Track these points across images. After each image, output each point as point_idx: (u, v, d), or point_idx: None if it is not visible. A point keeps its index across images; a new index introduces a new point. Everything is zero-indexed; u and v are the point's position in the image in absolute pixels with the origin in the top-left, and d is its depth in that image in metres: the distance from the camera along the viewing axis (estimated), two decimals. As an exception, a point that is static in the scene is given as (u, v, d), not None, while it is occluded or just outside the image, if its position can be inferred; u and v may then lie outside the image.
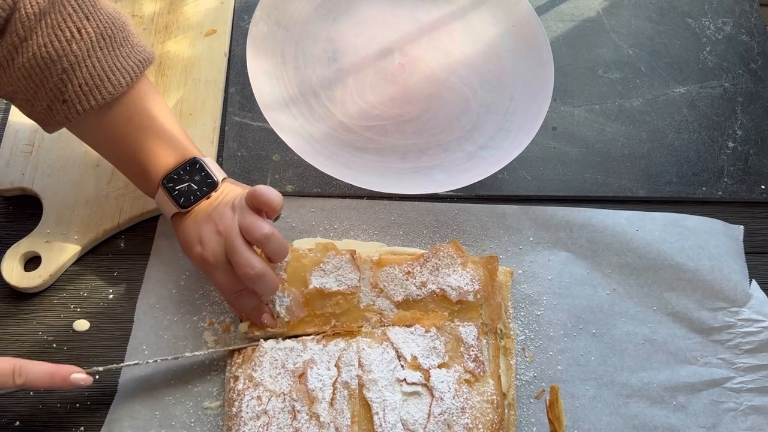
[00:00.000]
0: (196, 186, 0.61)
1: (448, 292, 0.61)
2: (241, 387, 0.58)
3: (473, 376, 0.58)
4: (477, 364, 0.59)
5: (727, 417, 0.62)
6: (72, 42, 0.56)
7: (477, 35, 0.76)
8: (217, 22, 0.80)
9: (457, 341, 0.60)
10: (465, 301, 0.61)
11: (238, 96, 0.76)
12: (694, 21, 0.84)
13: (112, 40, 0.58)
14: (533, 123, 0.69)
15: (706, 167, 0.75)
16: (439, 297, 0.62)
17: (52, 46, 0.55)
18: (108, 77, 0.58)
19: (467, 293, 0.61)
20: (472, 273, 0.62)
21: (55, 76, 0.56)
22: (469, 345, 0.59)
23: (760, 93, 0.79)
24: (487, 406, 0.57)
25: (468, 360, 0.59)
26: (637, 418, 0.62)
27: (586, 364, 0.64)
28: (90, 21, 0.57)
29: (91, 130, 0.61)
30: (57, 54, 0.55)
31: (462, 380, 0.58)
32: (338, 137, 0.70)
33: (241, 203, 0.59)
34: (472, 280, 0.62)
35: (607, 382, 0.63)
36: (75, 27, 0.56)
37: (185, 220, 0.61)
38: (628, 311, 0.66)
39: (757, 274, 0.69)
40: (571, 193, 0.73)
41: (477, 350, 0.59)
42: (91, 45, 0.57)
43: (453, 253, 0.63)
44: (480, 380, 0.58)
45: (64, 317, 0.65)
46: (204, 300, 0.65)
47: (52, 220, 0.67)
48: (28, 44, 0.55)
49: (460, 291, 0.61)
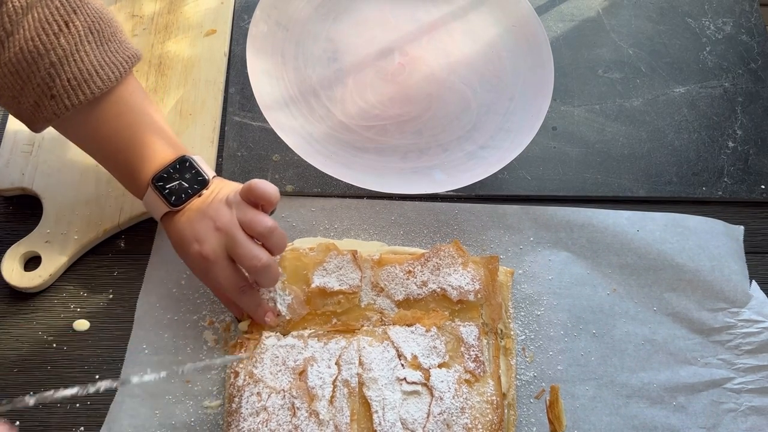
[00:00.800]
0: (187, 184, 0.60)
1: (449, 291, 0.61)
2: (241, 383, 0.58)
3: (473, 376, 0.58)
4: (477, 364, 0.59)
5: (727, 417, 0.62)
6: (60, 35, 0.55)
7: (477, 35, 0.76)
8: (217, 22, 0.80)
9: (457, 341, 0.60)
10: (465, 300, 0.61)
11: (238, 96, 0.76)
12: (694, 21, 0.84)
13: (101, 34, 0.57)
14: (533, 123, 0.69)
15: (706, 167, 0.75)
16: (439, 296, 0.62)
17: (40, 40, 0.54)
18: (97, 72, 0.57)
19: (468, 293, 0.61)
20: (473, 273, 0.62)
21: (42, 70, 0.55)
22: (469, 345, 0.59)
23: (760, 93, 0.79)
24: (486, 406, 0.57)
25: (468, 360, 0.59)
26: (637, 418, 0.62)
27: (586, 364, 0.64)
28: (78, 15, 0.56)
29: (78, 128, 0.60)
30: (45, 48, 0.54)
31: (462, 380, 0.58)
32: (338, 137, 0.70)
33: (237, 198, 0.59)
34: (473, 279, 0.62)
35: (607, 382, 0.63)
36: (62, 20, 0.55)
37: (177, 220, 0.60)
38: (628, 311, 0.66)
39: (758, 274, 0.69)
40: (571, 193, 0.73)
41: (477, 350, 0.59)
42: (79, 39, 0.56)
43: (454, 253, 0.63)
44: (480, 380, 0.58)
45: (64, 317, 0.65)
46: (204, 299, 0.65)
47: (52, 219, 0.67)
48: (14, 38, 0.54)
49: (461, 290, 0.61)
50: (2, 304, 0.65)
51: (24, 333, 0.64)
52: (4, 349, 0.63)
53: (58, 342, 0.63)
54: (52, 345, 0.63)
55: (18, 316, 0.65)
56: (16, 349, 0.63)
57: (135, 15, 0.80)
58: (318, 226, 0.69)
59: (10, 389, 0.61)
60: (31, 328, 0.64)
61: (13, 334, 0.64)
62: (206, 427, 0.60)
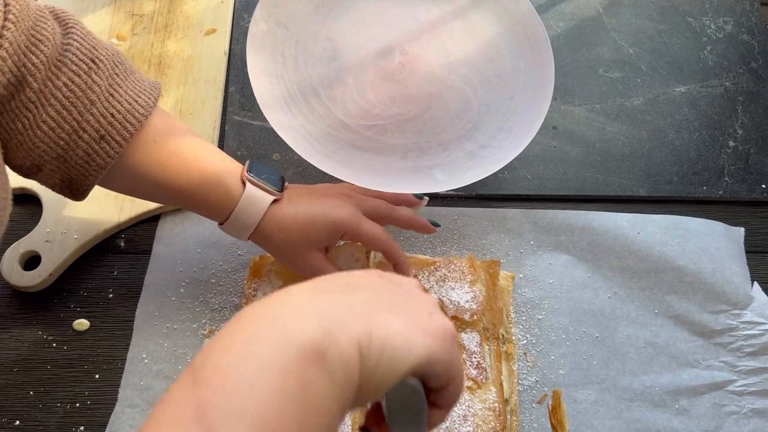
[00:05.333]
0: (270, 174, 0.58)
1: (446, 303, 0.61)
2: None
3: (475, 383, 0.58)
4: (479, 371, 0.58)
5: (729, 420, 0.62)
6: (91, 73, 0.52)
7: (477, 34, 0.76)
8: (216, 21, 0.80)
9: (459, 347, 0.59)
10: (460, 318, 0.61)
11: (238, 95, 0.76)
12: (695, 20, 0.84)
13: (123, 66, 0.55)
14: (534, 122, 0.69)
15: (707, 166, 0.74)
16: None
17: (74, 83, 0.51)
18: (135, 99, 0.54)
19: (464, 311, 0.61)
20: (476, 293, 0.62)
21: (85, 113, 0.51)
22: (471, 352, 0.59)
23: (761, 92, 0.79)
24: (489, 413, 0.57)
25: (470, 367, 0.58)
26: (640, 422, 0.61)
27: (588, 368, 0.64)
28: (98, 50, 0.53)
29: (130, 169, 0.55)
30: (80, 89, 0.51)
31: (464, 387, 0.58)
32: (338, 136, 0.70)
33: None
34: (474, 299, 0.61)
35: (609, 386, 0.63)
36: (88, 58, 0.52)
37: (287, 204, 0.57)
38: (629, 315, 0.66)
39: (758, 274, 0.69)
40: (571, 193, 0.73)
41: (479, 357, 0.59)
42: (109, 73, 0.53)
43: (465, 268, 0.63)
44: (482, 387, 0.58)
45: (64, 317, 0.65)
46: (204, 307, 0.65)
47: (52, 219, 0.67)
48: (46, 93, 0.50)
49: (458, 307, 0.61)
50: (2, 303, 0.65)
51: (24, 332, 0.64)
52: (4, 348, 0.63)
53: (58, 342, 0.63)
54: (52, 344, 0.63)
55: (18, 316, 0.64)
56: (16, 349, 0.63)
57: (135, 14, 0.80)
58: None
59: (10, 389, 0.61)
60: (31, 327, 0.64)
61: (14, 334, 0.64)
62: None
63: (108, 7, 0.80)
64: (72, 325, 0.64)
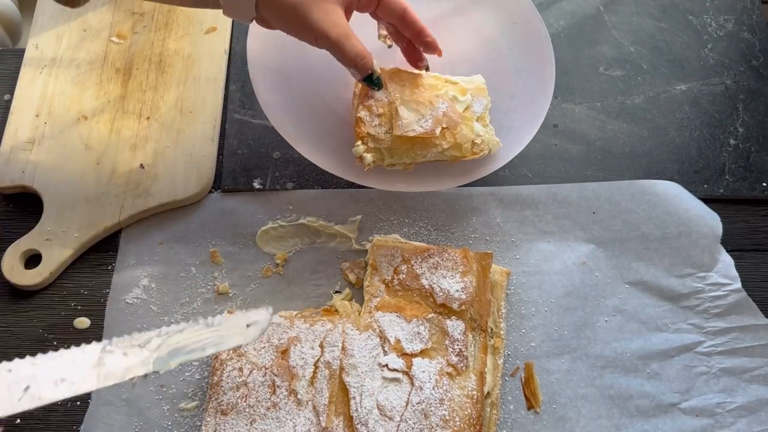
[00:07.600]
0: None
1: (436, 291, 0.62)
2: (224, 356, 0.59)
3: (455, 370, 0.59)
4: (460, 358, 0.59)
5: (699, 380, 0.63)
6: None
7: (478, 32, 0.76)
8: (217, 20, 0.80)
9: (442, 333, 0.60)
10: (448, 306, 0.61)
11: (239, 93, 0.76)
12: (696, 18, 0.84)
13: None
14: (534, 120, 0.69)
15: (708, 165, 0.74)
16: (426, 294, 0.62)
17: None
18: None
19: (453, 300, 0.61)
20: (466, 284, 0.62)
21: None
22: (454, 339, 0.60)
23: (762, 90, 0.79)
24: (466, 400, 0.58)
25: (452, 353, 0.59)
26: (612, 388, 0.63)
27: (559, 338, 0.65)
28: None
29: None
30: None
31: (444, 372, 0.58)
32: (339, 134, 0.70)
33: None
34: (463, 289, 0.62)
35: (581, 355, 0.64)
36: None
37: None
38: (597, 284, 0.67)
39: (759, 272, 0.69)
40: (572, 191, 0.72)
41: (462, 345, 0.60)
42: None
43: (458, 259, 0.63)
44: (462, 374, 0.59)
45: (65, 315, 0.65)
46: (174, 302, 0.65)
47: (52, 217, 0.67)
48: None
49: (448, 295, 0.61)
50: (2, 302, 0.65)
51: (24, 331, 0.64)
52: (4, 347, 0.63)
53: (59, 340, 0.63)
54: (52, 343, 0.63)
55: (18, 314, 0.64)
56: (16, 347, 0.63)
57: (135, 12, 0.80)
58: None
59: (10, 387, 0.61)
60: (31, 326, 0.64)
61: (14, 332, 0.64)
62: (183, 429, 0.60)
63: (108, 5, 0.80)
64: (73, 324, 0.64)
